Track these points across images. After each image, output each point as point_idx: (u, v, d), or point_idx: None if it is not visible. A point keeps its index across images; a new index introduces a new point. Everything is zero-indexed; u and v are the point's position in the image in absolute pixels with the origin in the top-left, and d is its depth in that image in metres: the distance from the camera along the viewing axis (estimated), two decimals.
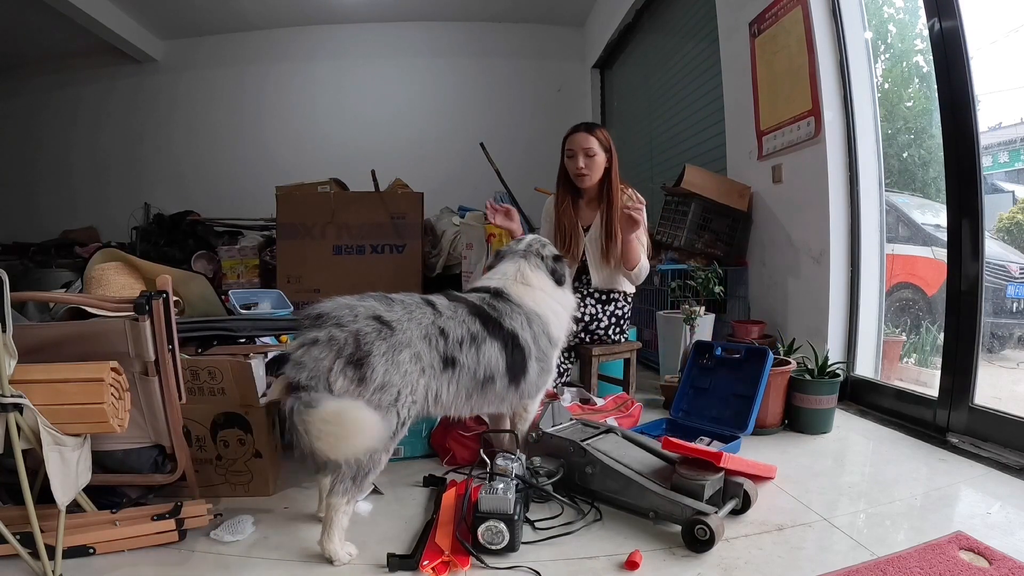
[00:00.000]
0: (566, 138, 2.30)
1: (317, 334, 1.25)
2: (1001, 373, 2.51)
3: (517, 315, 1.55)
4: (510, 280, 1.65)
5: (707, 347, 2.21)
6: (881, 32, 2.76)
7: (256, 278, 4.50)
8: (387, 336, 1.28)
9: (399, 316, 1.33)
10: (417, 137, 5.70)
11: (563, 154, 2.33)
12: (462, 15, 5.64)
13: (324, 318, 1.27)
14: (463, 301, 1.50)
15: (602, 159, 2.26)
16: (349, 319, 1.27)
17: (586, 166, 2.24)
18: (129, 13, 5.23)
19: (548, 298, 1.67)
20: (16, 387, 1.10)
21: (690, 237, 2.92)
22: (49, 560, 1.14)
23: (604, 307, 2.28)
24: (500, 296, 1.58)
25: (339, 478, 1.24)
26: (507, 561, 1.23)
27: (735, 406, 2.01)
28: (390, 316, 1.32)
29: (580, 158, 2.24)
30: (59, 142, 5.92)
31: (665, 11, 4.31)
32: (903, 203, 2.93)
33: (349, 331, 1.25)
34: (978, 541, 1.24)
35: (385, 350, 1.27)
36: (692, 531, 1.26)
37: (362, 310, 1.30)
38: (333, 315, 1.28)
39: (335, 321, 1.26)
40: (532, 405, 1.67)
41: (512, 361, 1.48)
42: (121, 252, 2.08)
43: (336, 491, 1.24)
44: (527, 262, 1.71)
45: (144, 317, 1.26)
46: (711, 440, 1.83)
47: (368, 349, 1.25)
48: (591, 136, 2.24)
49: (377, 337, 1.27)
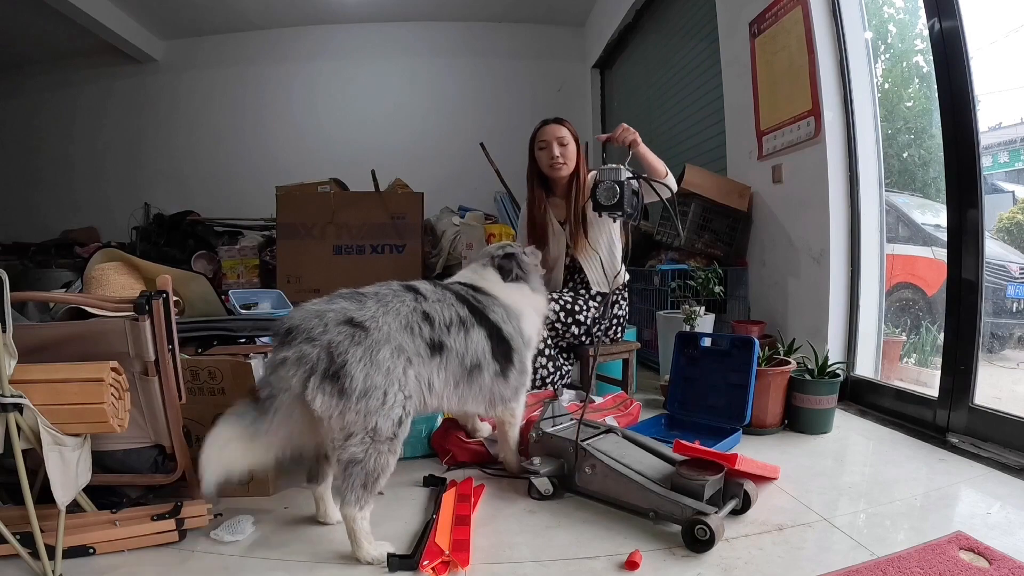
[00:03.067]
0: (535, 133, 2.28)
1: (286, 353, 1.21)
2: (1001, 373, 2.51)
3: (498, 308, 1.56)
4: (477, 278, 1.66)
5: (691, 338, 2.21)
6: (881, 32, 2.76)
7: (256, 278, 4.50)
8: (361, 339, 1.24)
9: (372, 313, 1.29)
10: (417, 137, 5.70)
11: (532, 151, 2.30)
12: (462, 15, 5.64)
13: (293, 333, 1.23)
14: (449, 288, 1.51)
15: (574, 148, 2.25)
16: (319, 331, 1.22)
17: (561, 155, 2.22)
18: (129, 13, 5.22)
19: (516, 295, 1.65)
20: (16, 387, 1.10)
21: (690, 237, 2.92)
22: (49, 560, 1.14)
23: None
24: (479, 290, 1.59)
25: (349, 487, 1.22)
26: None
27: (728, 395, 2.02)
28: (362, 315, 1.27)
29: (555, 146, 2.22)
30: (59, 142, 5.92)
31: (665, 11, 4.31)
32: (903, 203, 2.93)
33: (320, 344, 1.21)
34: (978, 541, 1.24)
35: (361, 355, 1.23)
36: (692, 531, 1.26)
37: (332, 316, 1.25)
38: (302, 328, 1.23)
39: (305, 335, 1.22)
40: (517, 408, 1.63)
41: (497, 350, 1.49)
42: (121, 252, 2.07)
43: (348, 501, 1.22)
44: (480, 264, 1.74)
45: (144, 317, 1.26)
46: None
47: (343, 359, 1.20)
48: (561, 126, 2.24)
49: (351, 343, 1.22)
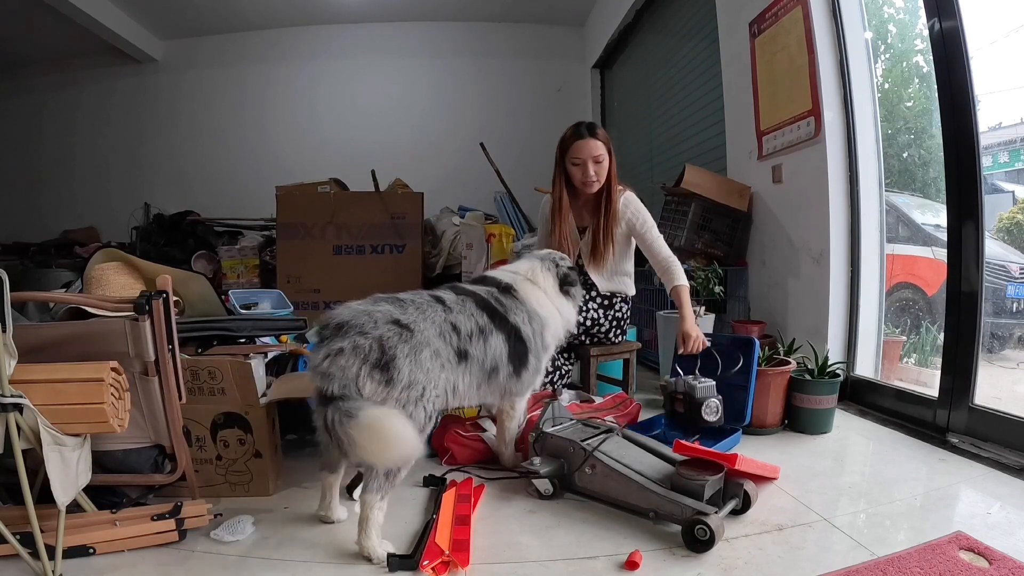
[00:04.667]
0: (568, 144, 2.15)
1: (341, 344, 1.27)
2: (1001, 373, 2.51)
3: (521, 311, 1.61)
4: (520, 277, 1.72)
5: None
6: (881, 32, 2.76)
7: (256, 278, 4.50)
8: (408, 338, 1.33)
9: (414, 317, 1.37)
10: (417, 137, 5.70)
11: (562, 159, 2.19)
12: (462, 15, 5.64)
13: (345, 327, 1.29)
14: (470, 294, 1.56)
15: (607, 163, 2.15)
16: (370, 326, 1.30)
17: (596, 173, 2.13)
18: (129, 13, 5.22)
19: (550, 303, 1.72)
20: (16, 387, 1.10)
21: (690, 237, 2.92)
22: (49, 560, 1.14)
23: (606, 312, 2.27)
24: (508, 291, 1.65)
25: (372, 475, 1.26)
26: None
27: (729, 396, 2.02)
28: (407, 319, 1.36)
29: (590, 166, 2.12)
30: (60, 142, 5.91)
31: (665, 11, 4.31)
32: (903, 203, 2.93)
33: (373, 337, 1.28)
34: (978, 541, 1.24)
35: (408, 352, 1.31)
36: (692, 531, 1.26)
37: (380, 315, 1.33)
38: (354, 323, 1.30)
39: (358, 329, 1.29)
40: (520, 403, 1.70)
41: (514, 352, 1.54)
42: (121, 252, 2.07)
43: (370, 488, 1.26)
44: (542, 264, 1.79)
45: (144, 317, 1.26)
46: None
47: (393, 353, 1.29)
48: (597, 141, 2.13)
49: (399, 340, 1.31)
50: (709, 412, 1.77)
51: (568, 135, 2.18)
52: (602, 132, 2.18)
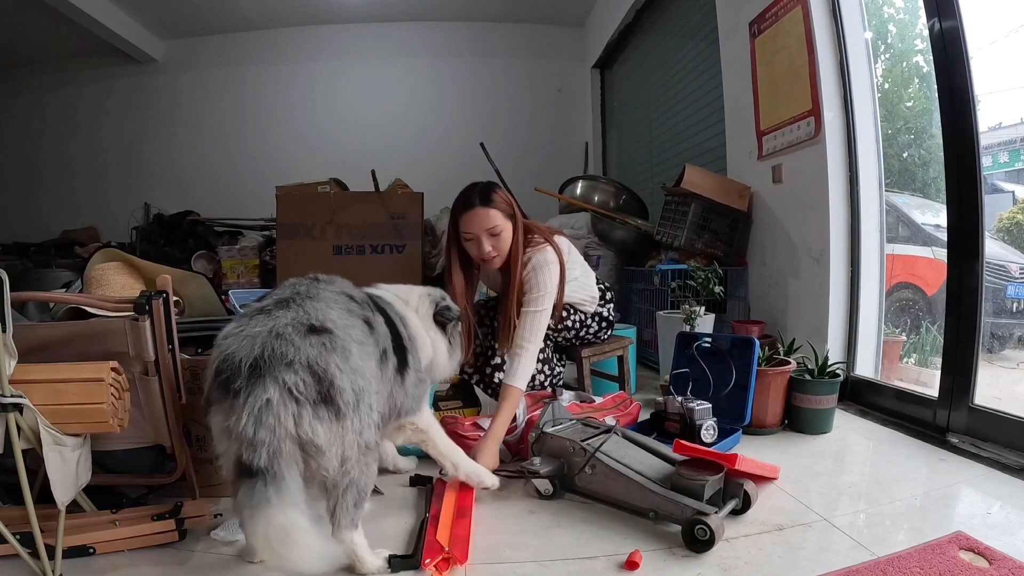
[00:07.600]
0: (458, 216, 1.83)
1: (266, 393, 0.99)
2: (1001, 373, 2.51)
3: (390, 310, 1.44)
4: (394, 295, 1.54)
5: (691, 338, 2.21)
6: (881, 32, 2.76)
7: (256, 278, 4.50)
8: (333, 344, 1.08)
9: (318, 310, 1.13)
10: (417, 137, 5.70)
11: (455, 232, 1.85)
12: (462, 15, 5.64)
13: (259, 365, 1.00)
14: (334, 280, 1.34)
15: (508, 232, 1.82)
16: (291, 350, 1.02)
17: (493, 248, 1.81)
18: (129, 13, 5.23)
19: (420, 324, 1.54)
20: (16, 387, 1.10)
21: (690, 237, 2.92)
22: (49, 560, 1.14)
23: (586, 319, 2.21)
24: (384, 301, 1.46)
25: (344, 510, 1.13)
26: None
27: (729, 395, 2.02)
28: (317, 317, 1.10)
29: (485, 241, 1.79)
30: (59, 142, 5.92)
31: (665, 11, 4.31)
32: (903, 203, 2.93)
33: (301, 365, 1.02)
34: (978, 541, 1.24)
35: (339, 362, 1.06)
36: (692, 531, 1.26)
37: (290, 329, 1.05)
38: (268, 356, 1.01)
39: (279, 361, 1.01)
40: (420, 420, 1.48)
41: (397, 346, 1.36)
42: (121, 252, 2.07)
43: (344, 525, 1.13)
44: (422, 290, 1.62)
45: (144, 317, 1.26)
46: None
47: (330, 376, 1.03)
48: (491, 209, 1.79)
49: (327, 352, 1.05)
50: (707, 434, 1.81)
51: (457, 203, 1.86)
52: (500, 196, 1.84)
